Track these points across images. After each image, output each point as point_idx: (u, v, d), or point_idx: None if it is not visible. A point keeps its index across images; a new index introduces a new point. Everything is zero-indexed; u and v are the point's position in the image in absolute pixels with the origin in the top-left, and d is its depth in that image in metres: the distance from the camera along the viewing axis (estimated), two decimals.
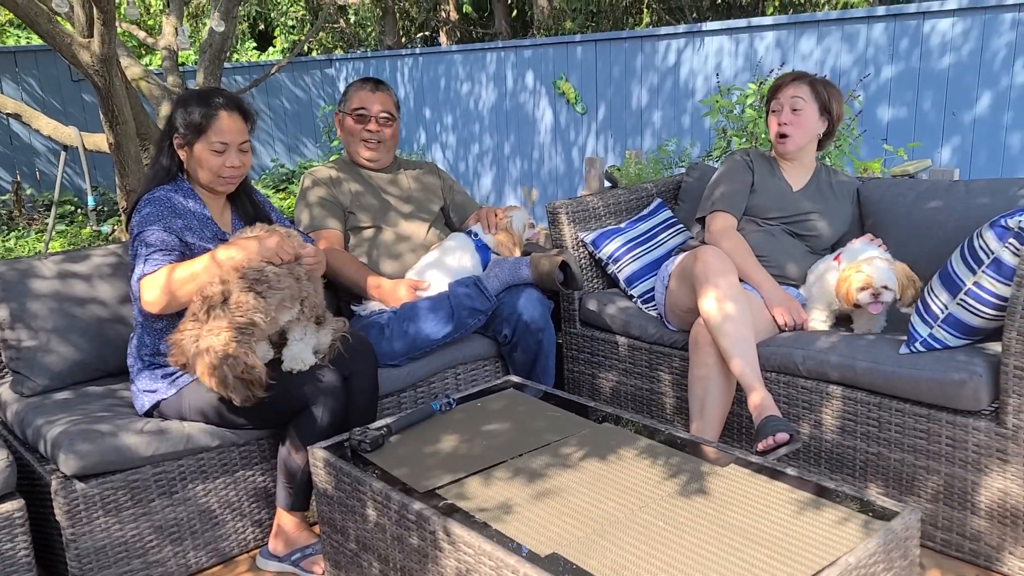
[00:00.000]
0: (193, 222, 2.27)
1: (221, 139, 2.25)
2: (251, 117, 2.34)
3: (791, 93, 2.64)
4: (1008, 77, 4.67)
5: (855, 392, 2.27)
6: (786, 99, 2.65)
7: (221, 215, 2.39)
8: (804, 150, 2.73)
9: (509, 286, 2.73)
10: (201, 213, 2.31)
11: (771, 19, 5.69)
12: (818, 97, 2.65)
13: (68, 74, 7.92)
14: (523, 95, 7.62)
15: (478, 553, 1.52)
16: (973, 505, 2.10)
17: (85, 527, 2.03)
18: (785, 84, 2.67)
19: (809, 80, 2.67)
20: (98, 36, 3.08)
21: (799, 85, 2.65)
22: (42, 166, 7.99)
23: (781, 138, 2.69)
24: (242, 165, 2.31)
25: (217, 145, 2.25)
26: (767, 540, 1.49)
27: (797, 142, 2.68)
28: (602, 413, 2.09)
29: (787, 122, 2.65)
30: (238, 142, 2.28)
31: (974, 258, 2.11)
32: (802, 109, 2.64)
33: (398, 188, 2.98)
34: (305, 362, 2.16)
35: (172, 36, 4.85)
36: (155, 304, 2.12)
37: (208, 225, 2.31)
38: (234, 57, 12.79)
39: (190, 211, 2.28)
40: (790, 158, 2.74)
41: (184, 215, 2.26)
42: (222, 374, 1.97)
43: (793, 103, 2.64)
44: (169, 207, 2.24)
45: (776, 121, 2.68)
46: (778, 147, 2.72)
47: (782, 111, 2.66)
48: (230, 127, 2.26)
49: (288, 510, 2.24)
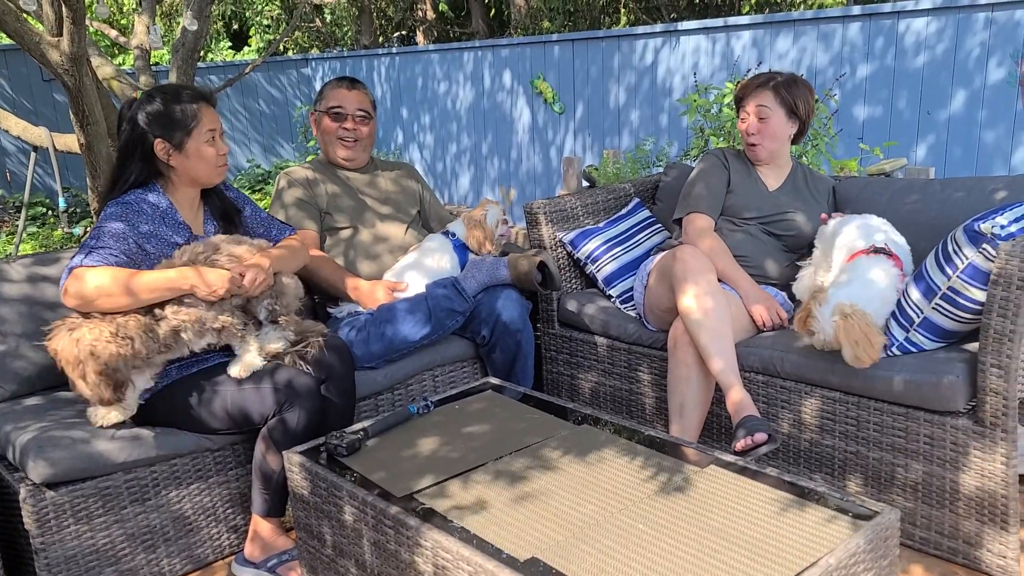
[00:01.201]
0: (162, 228, 2.23)
1: (211, 127, 2.27)
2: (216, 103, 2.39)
3: (757, 102, 2.66)
4: (982, 76, 4.72)
5: (833, 392, 2.27)
6: (751, 108, 2.67)
7: (195, 217, 2.36)
8: (777, 152, 2.74)
9: (487, 287, 2.71)
10: (173, 218, 2.27)
11: (747, 18, 5.71)
12: (783, 102, 2.66)
13: (39, 74, 7.80)
14: (501, 94, 7.61)
15: (456, 558, 1.50)
16: (951, 503, 2.11)
17: (55, 535, 1.98)
18: (749, 93, 2.68)
19: (772, 85, 2.67)
20: (67, 35, 3.02)
21: (763, 93, 2.66)
22: (12, 167, 7.86)
23: (751, 147, 2.72)
24: (225, 151, 2.35)
25: (207, 136, 2.26)
26: (748, 541, 1.48)
27: (767, 148, 2.71)
28: (581, 415, 2.07)
29: (755, 131, 2.68)
30: (220, 130, 2.32)
31: (948, 262, 2.12)
32: (768, 117, 2.66)
33: (376, 189, 2.95)
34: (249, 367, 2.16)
35: (144, 35, 4.78)
36: (82, 295, 2.00)
37: (181, 230, 2.28)
38: (208, 57, 12.68)
39: (160, 214, 2.25)
40: (758, 162, 2.76)
41: (153, 220, 2.22)
42: (81, 371, 1.96)
43: (759, 112, 2.66)
44: (137, 211, 2.20)
45: (745, 130, 2.69)
46: (749, 154, 2.75)
47: (748, 119, 2.68)
48: (211, 116, 2.29)
49: (263, 516, 2.21)
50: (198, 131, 2.23)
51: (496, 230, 2.88)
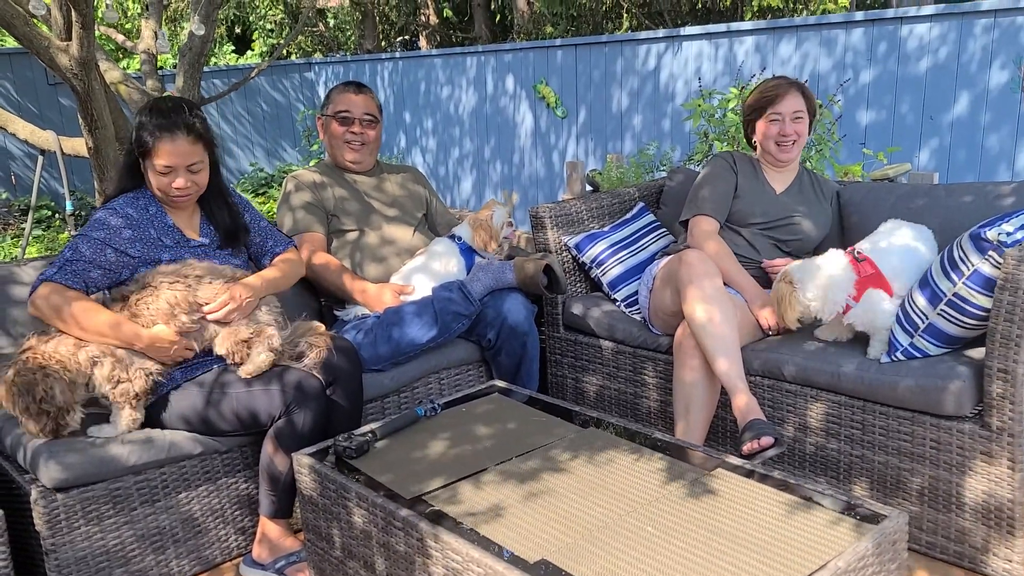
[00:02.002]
0: (149, 231, 2.26)
1: (164, 163, 2.20)
2: (200, 134, 2.24)
3: (793, 106, 2.69)
4: (985, 79, 4.74)
5: (839, 396, 2.28)
6: (787, 110, 2.68)
7: (189, 221, 2.37)
8: (798, 156, 2.79)
9: (493, 290, 2.72)
10: (162, 221, 2.29)
11: (750, 24, 5.73)
12: (809, 105, 2.73)
13: (44, 77, 7.82)
14: (503, 99, 7.62)
15: (466, 560, 1.51)
16: (958, 507, 2.11)
17: (66, 537, 1.99)
18: (783, 95, 2.70)
19: (800, 88, 2.72)
20: (76, 39, 3.04)
21: (796, 97, 2.70)
22: (18, 170, 7.88)
23: (784, 148, 2.72)
24: (191, 185, 2.26)
25: (162, 168, 2.21)
26: (756, 544, 1.49)
27: (800, 146, 2.75)
28: (587, 417, 2.08)
29: (791, 132, 2.70)
30: (185, 164, 2.22)
31: (954, 268, 2.12)
32: (803, 119, 2.71)
33: (382, 192, 2.96)
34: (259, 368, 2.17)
35: (151, 40, 4.80)
36: (38, 310, 2.11)
37: (170, 232, 2.30)
38: (212, 61, 12.70)
39: (149, 218, 2.27)
40: (784, 164, 2.77)
41: (138, 224, 2.24)
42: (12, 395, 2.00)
43: (795, 115, 2.69)
44: (122, 216, 2.23)
45: (779, 132, 2.70)
46: (780, 156, 2.74)
47: (784, 122, 2.69)
48: (171, 151, 2.19)
49: (271, 517, 2.22)
50: (151, 159, 2.21)
51: (501, 231, 2.90)
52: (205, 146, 2.27)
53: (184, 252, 2.30)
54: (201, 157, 2.26)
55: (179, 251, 2.29)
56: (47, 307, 2.08)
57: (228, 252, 2.41)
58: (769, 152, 2.75)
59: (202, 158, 2.27)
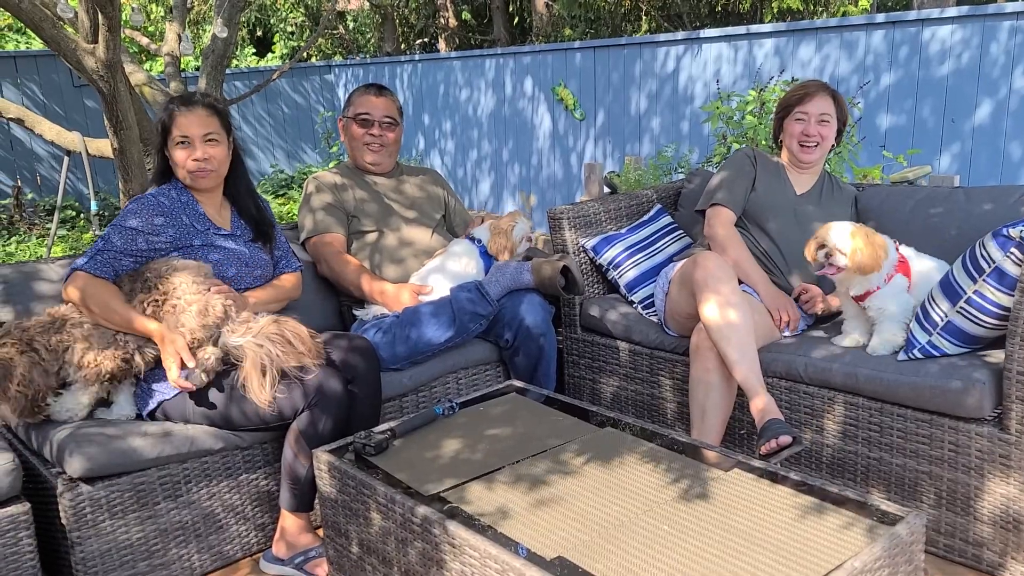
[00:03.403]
0: (182, 217, 2.35)
1: (181, 133, 2.32)
2: (217, 109, 2.38)
3: (820, 108, 2.69)
4: (1007, 85, 4.70)
5: (857, 397, 2.28)
6: (814, 111, 2.69)
7: (219, 212, 2.46)
8: (819, 159, 2.79)
9: (511, 291, 2.74)
10: (194, 209, 2.38)
11: (770, 27, 5.72)
12: (839, 111, 2.73)
13: (70, 79, 7.93)
14: (522, 101, 7.65)
15: (483, 556, 1.53)
16: (976, 511, 2.11)
17: (90, 530, 2.03)
18: (813, 95, 2.70)
19: (832, 93, 2.73)
20: (103, 42, 3.09)
21: (825, 99, 2.70)
22: (43, 171, 8.00)
23: (806, 149, 2.72)
24: (210, 157, 2.35)
25: (179, 139, 2.32)
26: (772, 544, 1.50)
27: (822, 151, 2.74)
28: (604, 418, 2.10)
29: (814, 133, 2.70)
30: (200, 134, 2.33)
31: (975, 267, 2.12)
32: (828, 123, 2.71)
33: (402, 194, 2.99)
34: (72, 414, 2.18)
35: (175, 42, 4.86)
36: (71, 299, 2.19)
37: (201, 220, 2.39)
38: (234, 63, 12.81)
39: (181, 206, 2.36)
40: (807, 166, 2.77)
41: (171, 212, 2.33)
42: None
43: (821, 117, 2.69)
44: (154, 204, 2.32)
45: (802, 131, 2.71)
46: (801, 156, 2.74)
47: (809, 122, 2.69)
48: (188, 121, 2.32)
49: (292, 511, 2.24)
50: (171, 135, 2.34)
51: (520, 245, 2.90)
52: (222, 122, 2.38)
53: (215, 238, 2.39)
54: (217, 129, 2.36)
55: (209, 237, 2.38)
56: (78, 296, 2.17)
57: (259, 246, 2.49)
58: (792, 151, 2.75)
59: (218, 131, 2.36)
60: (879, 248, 2.26)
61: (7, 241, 6.56)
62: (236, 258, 2.41)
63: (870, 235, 2.28)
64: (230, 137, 2.43)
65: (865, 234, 2.27)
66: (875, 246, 2.26)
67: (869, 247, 2.25)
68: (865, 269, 2.26)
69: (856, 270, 2.27)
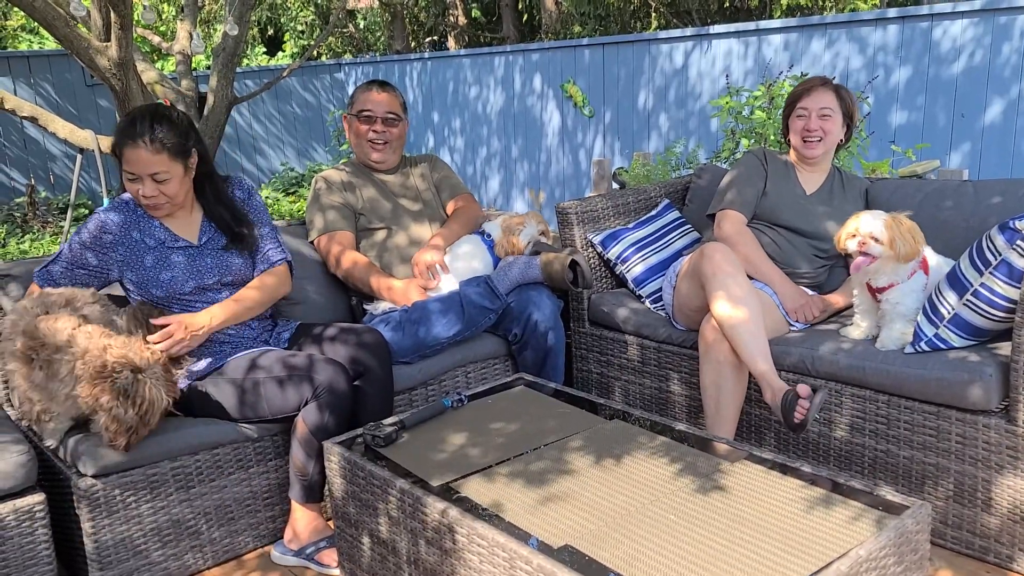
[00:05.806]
0: (132, 233, 2.29)
1: (129, 169, 2.21)
2: (165, 145, 2.18)
3: (821, 102, 2.67)
4: (1019, 82, 4.67)
5: (864, 390, 2.28)
6: (814, 106, 2.67)
7: (186, 222, 2.37)
8: (826, 155, 2.76)
9: (519, 285, 2.75)
10: (148, 223, 2.31)
11: (779, 22, 5.70)
12: (843, 105, 2.70)
13: (83, 78, 7.98)
14: (531, 98, 7.66)
15: (491, 545, 1.54)
16: (984, 503, 2.11)
17: (104, 520, 2.06)
18: (812, 90, 2.69)
19: (834, 87, 2.70)
20: (115, 40, 3.12)
21: (826, 94, 2.68)
22: (56, 169, 8.06)
23: (809, 144, 2.70)
24: (158, 195, 2.23)
25: (128, 174, 2.21)
26: (778, 533, 1.51)
27: (826, 146, 2.71)
28: (613, 410, 2.11)
29: (815, 128, 2.68)
30: (147, 173, 2.19)
31: (982, 260, 2.12)
32: (830, 117, 2.68)
33: (408, 190, 3.01)
34: None
35: (186, 41, 4.89)
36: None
37: (155, 234, 2.31)
38: (244, 62, 12.87)
39: (136, 219, 2.30)
40: (812, 163, 2.76)
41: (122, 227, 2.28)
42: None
43: (822, 111, 2.67)
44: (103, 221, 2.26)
45: (803, 127, 2.70)
46: (805, 152, 2.73)
47: (810, 117, 2.68)
48: (135, 159, 2.18)
49: (302, 503, 2.27)
50: (122, 165, 2.23)
51: (526, 248, 2.91)
52: (172, 157, 2.21)
53: (170, 254, 2.31)
54: (166, 167, 2.20)
55: (163, 253, 2.30)
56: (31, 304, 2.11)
57: (232, 253, 2.39)
58: (797, 148, 2.75)
59: (167, 168, 2.21)
60: (913, 232, 2.25)
61: (21, 239, 6.62)
62: (195, 272, 2.31)
63: (901, 221, 2.26)
64: (188, 159, 2.27)
65: (898, 222, 2.26)
66: (910, 231, 2.24)
67: (907, 233, 2.24)
68: (907, 256, 2.24)
69: (897, 258, 2.25)
